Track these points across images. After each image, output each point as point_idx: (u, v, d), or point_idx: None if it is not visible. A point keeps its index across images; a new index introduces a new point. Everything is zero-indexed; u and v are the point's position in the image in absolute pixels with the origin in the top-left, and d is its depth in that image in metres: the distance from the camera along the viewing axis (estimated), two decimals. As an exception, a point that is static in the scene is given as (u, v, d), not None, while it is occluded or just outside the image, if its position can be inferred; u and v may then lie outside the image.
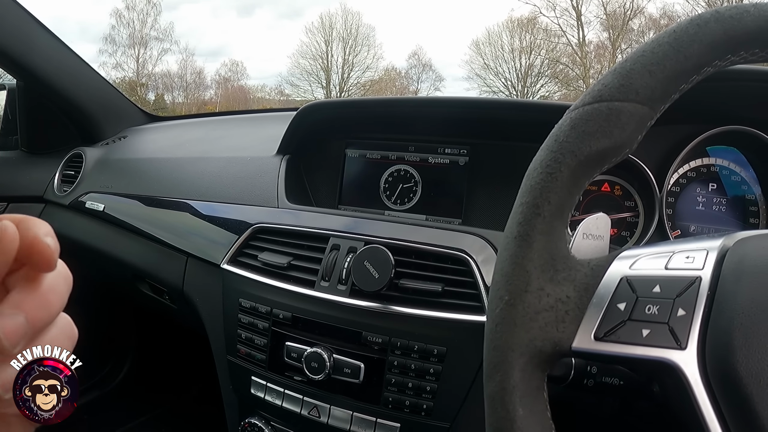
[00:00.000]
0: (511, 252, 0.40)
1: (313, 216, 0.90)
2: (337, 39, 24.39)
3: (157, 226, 1.13)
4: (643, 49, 0.41)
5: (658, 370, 0.37)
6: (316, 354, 0.77)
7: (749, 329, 0.33)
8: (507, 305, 0.39)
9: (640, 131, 0.40)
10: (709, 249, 0.39)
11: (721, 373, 0.33)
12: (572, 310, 0.39)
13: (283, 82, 25.38)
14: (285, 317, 0.83)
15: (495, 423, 0.38)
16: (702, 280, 0.37)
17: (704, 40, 0.39)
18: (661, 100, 0.40)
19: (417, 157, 1.02)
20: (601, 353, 0.37)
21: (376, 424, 0.76)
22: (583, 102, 0.41)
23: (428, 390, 0.73)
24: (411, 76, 25.38)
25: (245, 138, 1.33)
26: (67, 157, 1.49)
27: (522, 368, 0.38)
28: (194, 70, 25.72)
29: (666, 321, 0.36)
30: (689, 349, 0.35)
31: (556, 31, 22.04)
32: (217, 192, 1.07)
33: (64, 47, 1.44)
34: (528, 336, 0.38)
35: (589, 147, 0.40)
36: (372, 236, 0.81)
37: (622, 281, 0.39)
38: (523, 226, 0.40)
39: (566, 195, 0.40)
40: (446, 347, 0.73)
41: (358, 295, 0.78)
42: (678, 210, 0.84)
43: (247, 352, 0.87)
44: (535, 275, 0.39)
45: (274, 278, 0.85)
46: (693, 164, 0.84)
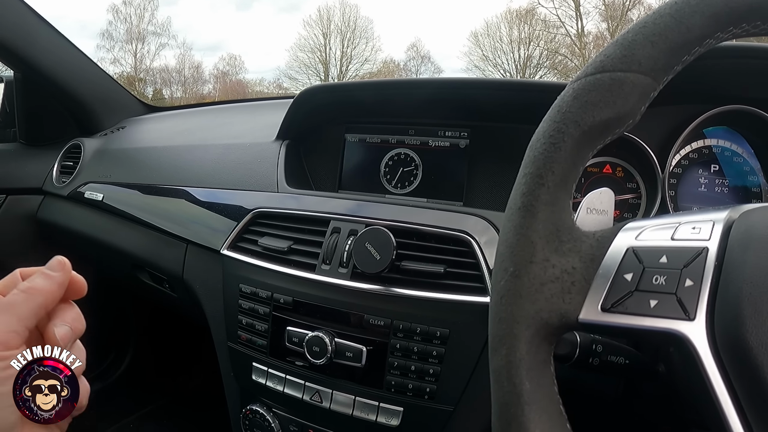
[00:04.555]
0: (515, 223, 0.40)
1: (314, 200, 0.90)
2: (335, 32, 24.40)
3: (156, 215, 1.13)
4: (645, 21, 0.40)
5: (666, 341, 0.36)
6: (318, 338, 0.77)
7: (758, 299, 0.32)
8: (512, 276, 0.38)
9: (643, 102, 0.40)
10: (715, 220, 0.38)
11: (730, 344, 0.33)
12: (578, 281, 0.38)
13: (282, 76, 25.43)
14: (286, 302, 0.82)
15: (501, 398, 0.37)
16: (709, 250, 0.36)
17: (706, 11, 0.38)
18: (663, 71, 0.39)
19: (417, 140, 1.01)
20: (608, 325, 0.37)
21: (379, 408, 0.76)
22: (586, 73, 0.41)
23: (431, 373, 0.73)
24: (409, 68, 25.40)
25: (244, 125, 1.32)
26: (66, 148, 1.49)
27: (528, 341, 0.37)
28: (192, 64, 25.74)
29: (674, 291, 0.35)
30: (698, 320, 0.34)
31: (555, 22, 22.04)
32: (216, 178, 1.07)
33: (62, 38, 1.43)
34: (534, 308, 0.37)
35: (592, 117, 0.39)
36: (373, 218, 0.81)
37: (628, 252, 0.38)
38: (527, 196, 0.39)
39: (570, 165, 0.40)
40: (449, 329, 0.72)
41: (359, 278, 0.77)
42: (680, 191, 0.83)
43: (248, 338, 0.87)
44: (540, 246, 0.39)
45: (275, 263, 0.85)
46: (695, 145, 0.83)
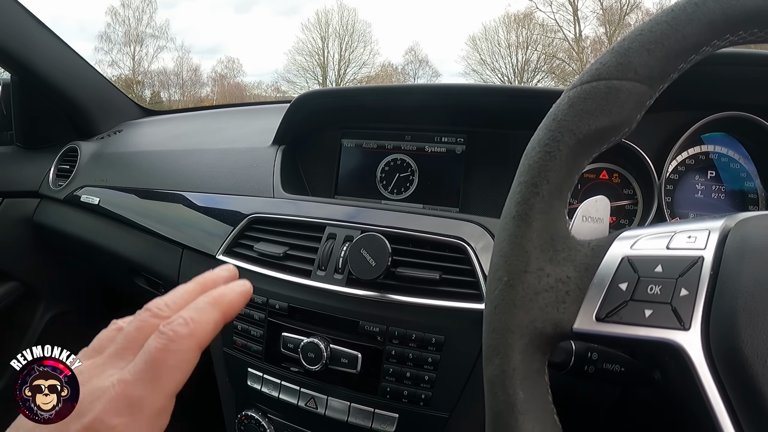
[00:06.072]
0: (509, 232, 0.39)
1: (309, 205, 0.89)
2: (333, 35, 24.43)
3: (152, 219, 1.13)
4: (641, 29, 0.40)
5: (661, 351, 0.36)
6: (313, 344, 0.76)
7: (753, 309, 0.32)
8: (506, 286, 0.38)
9: (639, 110, 0.40)
10: (710, 229, 0.38)
11: (725, 354, 0.33)
12: (573, 290, 0.38)
13: (280, 79, 25.46)
14: (281, 307, 0.82)
15: (495, 407, 0.37)
16: (704, 259, 0.36)
17: (703, 19, 0.38)
18: (660, 79, 0.39)
19: (413, 146, 1.01)
20: (602, 334, 0.37)
21: (374, 414, 0.76)
22: (581, 81, 0.40)
23: (426, 379, 0.73)
24: (408, 72, 25.40)
25: (240, 130, 1.32)
26: (62, 151, 1.48)
27: (522, 350, 0.37)
28: (190, 67, 25.76)
29: (669, 301, 0.35)
30: (693, 330, 0.34)
31: (553, 27, 22.08)
32: (212, 183, 1.06)
33: (58, 41, 1.43)
34: (528, 317, 0.37)
35: (587, 126, 0.39)
36: (368, 225, 0.81)
37: (623, 261, 0.38)
38: (522, 205, 0.39)
39: (565, 174, 0.39)
40: (444, 336, 0.72)
41: (354, 284, 0.77)
42: (676, 198, 0.83)
43: (243, 344, 0.86)
44: (534, 255, 0.38)
45: (270, 268, 0.85)
46: (691, 152, 0.83)
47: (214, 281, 0.41)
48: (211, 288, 0.39)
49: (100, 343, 0.37)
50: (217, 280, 0.41)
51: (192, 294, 0.39)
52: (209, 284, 0.40)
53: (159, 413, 0.33)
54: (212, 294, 0.38)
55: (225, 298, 0.38)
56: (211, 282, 0.40)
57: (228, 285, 0.39)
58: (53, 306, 1.57)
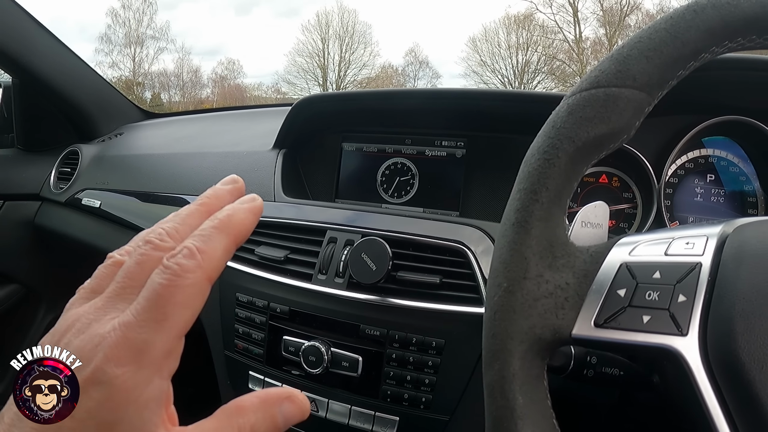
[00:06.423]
0: (509, 239, 0.40)
1: (310, 209, 0.90)
2: (333, 36, 24.45)
3: (153, 222, 1.12)
4: (640, 36, 0.40)
5: (659, 357, 0.36)
6: (314, 348, 0.77)
7: (750, 315, 0.33)
8: (506, 292, 0.38)
9: (637, 117, 0.40)
10: (708, 235, 0.38)
11: (722, 359, 0.33)
12: (572, 296, 0.38)
13: (280, 81, 25.46)
14: (282, 311, 0.82)
15: (494, 412, 0.38)
16: (702, 266, 0.36)
17: (701, 26, 0.38)
18: (658, 86, 0.40)
19: (414, 150, 1.02)
20: (601, 340, 0.37)
21: (375, 417, 0.76)
22: (581, 88, 0.41)
23: (427, 383, 0.73)
24: (408, 74, 25.47)
25: (241, 133, 1.32)
26: (63, 154, 1.49)
27: (521, 356, 0.37)
28: (191, 68, 25.80)
29: (667, 307, 0.35)
30: (690, 336, 0.34)
31: (553, 28, 22.10)
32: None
33: (59, 44, 1.43)
34: (527, 323, 0.38)
35: (586, 133, 0.39)
36: (369, 228, 0.81)
37: (621, 267, 0.38)
38: (521, 212, 0.40)
39: (564, 181, 0.40)
40: (444, 339, 0.72)
41: (355, 288, 0.77)
42: (676, 201, 0.83)
43: (245, 347, 0.87)
44: (533, 262, 0.39)
45: (271, 272, 0.85)
46: (691, 155, 0.84)
47: (219, 199, 0.36)
48: (217, 209, 0.34)
49: (98, 282, 0.33)
50: (223, 198, 0.36)
51: (196, 218, 0.34)
52: (214, 205, 0.35)
53: (167, 357, 0.30)
54: (218, 216, 0.33)
55: (233, 219, 0.33)
56: (215, 201, 0.35)
57: (235, 204, 0.34)
58: (54, 308, 1.57)
